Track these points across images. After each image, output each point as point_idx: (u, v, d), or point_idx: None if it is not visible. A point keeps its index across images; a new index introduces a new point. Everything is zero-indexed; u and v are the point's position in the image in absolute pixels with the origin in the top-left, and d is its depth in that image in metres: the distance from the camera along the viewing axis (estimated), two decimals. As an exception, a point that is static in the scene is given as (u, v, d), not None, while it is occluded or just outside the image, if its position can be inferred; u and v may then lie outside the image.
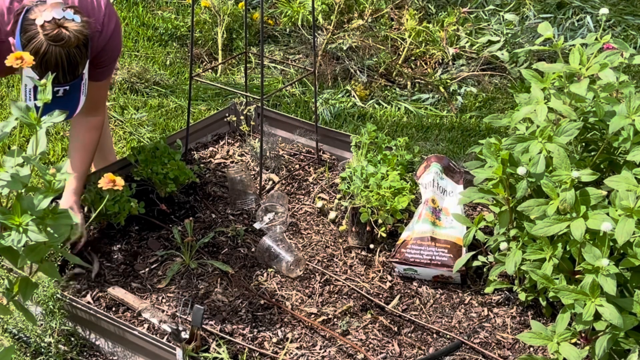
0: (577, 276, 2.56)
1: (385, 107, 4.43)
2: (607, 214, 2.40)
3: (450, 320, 2.83)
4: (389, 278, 3.01)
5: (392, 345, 2.72)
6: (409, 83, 4.60)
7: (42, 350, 2.66)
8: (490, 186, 2.72)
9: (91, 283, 2.91)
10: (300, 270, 2.97)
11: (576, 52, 2.69)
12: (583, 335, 2.45)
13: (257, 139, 3.54)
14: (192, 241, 2.99)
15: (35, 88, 2.63)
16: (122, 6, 5.18)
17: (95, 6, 2.79)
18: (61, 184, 1.84)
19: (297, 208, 3.34)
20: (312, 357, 2.67)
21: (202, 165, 3.58)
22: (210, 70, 4.69)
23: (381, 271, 3.03)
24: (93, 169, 3.57)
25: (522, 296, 2.81)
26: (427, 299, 2.92)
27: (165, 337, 2.68)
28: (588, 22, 5.07)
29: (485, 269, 2.96)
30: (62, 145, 3.93)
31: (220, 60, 4.68)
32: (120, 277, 2.94)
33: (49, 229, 1.82)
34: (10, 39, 2.66)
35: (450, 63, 4.70)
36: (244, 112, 3.76)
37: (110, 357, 2.70)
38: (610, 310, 2.27)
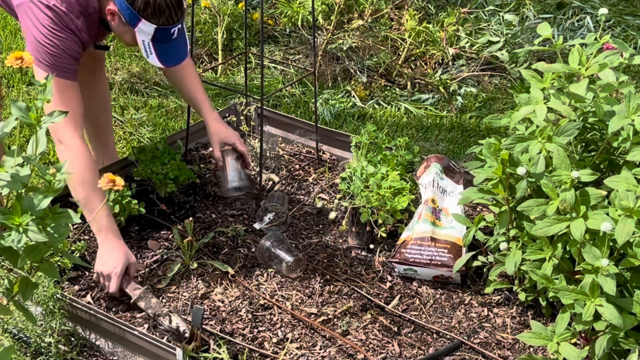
0: (577, 276, 2.56)
1: (385, 108, 4.43)
2: (607, 214, 2.40)
3: (450, 321, 2.84)
4: (389, 278, 3.01)
5: (392, 346, 2.72)
6: (409, 83, 4.60)
7: (42, 350, 2.67)
8: (490, 186, 2.72)
9: (91, 283, 2.91)
10: (300, 271, 2.97)
11: (575, 53, 2.69)
12: (583, 335, 2.45)
13: (257, 139, 3.54)
14: (192, 241, 2.99)
15: (153, 40, 2.72)
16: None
17: None
18: (61, 184, 1.84)
19: (297, 208, 3.34)
20: (312, 357, 2.67)
21: (202, 165, 3.58)
22: (210, 71, 4.69)
23: (381, 271, 3.03)
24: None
25: (522, 296, 2.81)
26: (427, 299, 2.92)
27: (165, 337, 2.68)
28: (588, 23, 5.07)
29: (485, 269, 2.96)
30: (62, 146, 3.93)
31: (220, 61, 4.69)
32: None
33: (49, 229, 1.82)
34: (110, 6, 2.74)
35: (450, 63, 4.70)
36: (244, 113, 3.76)
37: (110, 357, 2.70)
38: (610, 310, 2.27)
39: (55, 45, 2.72)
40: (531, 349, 2.72)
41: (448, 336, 2.77)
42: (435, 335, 2.78)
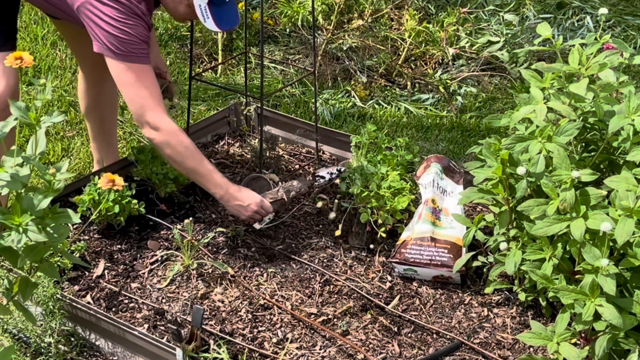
0: (577, 276, 2.56)
1: (385, 107, 4.43)
2: (607, 214, 2.40)
3: (450, 321, 2.84)
4: (389, 278, 3.01)
5: (392, 346, 2.72)
6: (409, 83, 4.60)
7: (42, 350, 2.67)
8: (490, 186, 2.72)
9: (91, 283, 2.92)
10: (281, 194, 3.08)
11: (575, 52, 2.69)
12: (583, 335, 2.45)
13: (257, 139, 3.54)
14: (192, 241, 2.99)
15: (209, 4, 2.83)
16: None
17: None
18: (61, 184, 1.84)
19: (297, 208, 3.34)
20: (312, 357, 2.67)
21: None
22: (210, 71, 4.69)
23: (381, 271, 3.03)
24: (96, 167, 3.58)
25: (522, 296, 2.81)
26: (427, 299, 2.92)
27: (165, 337, 2.68)
28: (588, 23, 5.07)
29: (485, 269, 2.96)
30: (62, 145, 3.93)
31: (220, 61, 4.69)
32: (120, 277, 2.95)
33: (48, 229, 1.82)
34: None
35: (450, 63, 4.70)
36: (244, 113, 3.76)
37: (110, 357, 2.70)
38: (610, 310, 2.27)
39: (127, 33, 2.78)
40: (531, 349, 2.72)
41: (448, 336, 2.77)
42: (435, 336, 2.78)
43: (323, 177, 3.25)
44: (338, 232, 3.13)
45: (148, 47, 2.88)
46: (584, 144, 2.89)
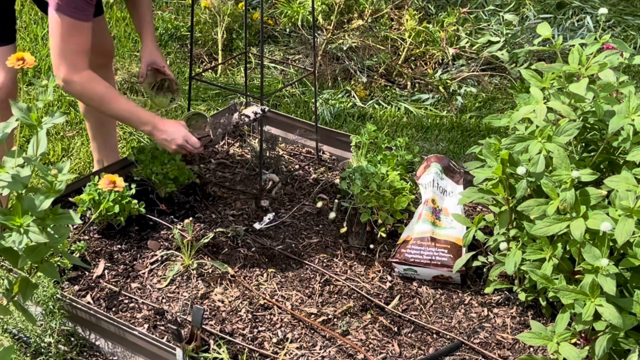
0: (577, 276, 2.56)
1: (385, 107, 4.43)
2: (607, 214, 2.40)
3: (450, 321, 2.84)
4: (389, 278, 3.01)
5: (392, 346, 2.73)
6: (409, 83, 4.60)
7: (42, 350, 2.67)
8: (490, 186, 2.73)
9: (91, 283, 2.92)
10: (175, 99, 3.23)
11: (575, 52, 2.69)
12: (583, 335, 2.45)
13: (257, 139, 3.54)
14: (192, 241, 2.99)
15: None
16: (122, 6, 5.18)
17: None
18: (62, 185, 1.84)
19: (297, 208, 3.34)
20: (312, 357, 2.67)
21: (202, 165, 3.58)
22: (210, 71, 4.69)
23: (381, 271, 3.03)
24: (96, 167, 3.58)
25: (522, 296, 2.81)
26: (427, 299, 2.92)
27: (165, 337, 2.68)
28: (588, 23, 5.08)
29: (485, 269, 2.96)
30: (62, 146, 3.93)
31: (220, 61, 4.69)
32: (120, 277, 2.95)
33: (49, 229, 1.82)
34: None
35: (450, 63, 4.70)
36: (244, 112, 3.76)
37: (110, 357, 2.70)
38: (610, 310, 2.27)
39: None
40: (531, 349, 2.72)
41: (448, 336, 2.77)
42: (435, 335, 2.78)
43: (248, 117, 3.25)
44: (343, 230, 3.13)
45: (92, 8, 2.92)
46: (584, 144, 2.89)
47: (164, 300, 2.85)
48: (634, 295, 2.37)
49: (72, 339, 2.73)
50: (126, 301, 2.85)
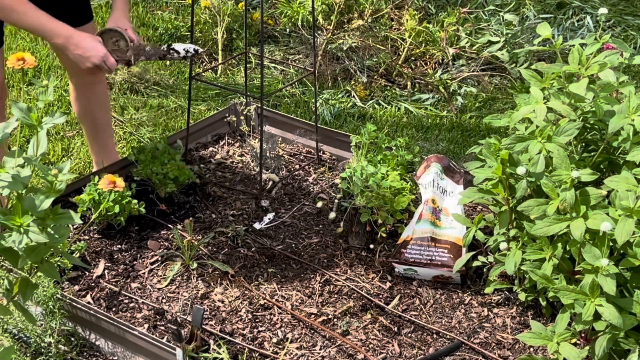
0: (577, 276, 2.56)
1: (385, 107, 4.43)
2: (607, 214, 2.40)
3: (450, 321, 2.84)
4: (389, 278, 3.01)
5: (392, 346, 2.73)
6: (409, 83, 4.60)
7: (42, 350, 2.67)
8: (490, 186, 2.73)
9: (91, 283, 2.92)
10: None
11: (575, 52, 2.69)
12: (583, 335, 2.45)
13: (257, 139, 3.54)
14: (192, 241, 2.99)
15: None
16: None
17: None
18: (62, 185, 1.84)
19: (297, 208, 3.34)
20: (312, 357, 2.67)
21: (202, 165, 3.59)
22: (210, 71, 4.69)
23: (381, 271, 3.03)
24: (96, 168, 3.58)
25: (522, 296, 2.81)
26: (427, 299, 2.92)
27: (165, 337, 2.68)
28: (588, 22, 5.08)
29: (485, 269, 2.96)
30: (62, 146, 3.93)
31: (220, 61, 4.69)
32: (120, 277, 2.95)
33: (49, 229, 1.82)
34: None
35: (450, 63, 4.70)
36: (244, 113, 3.76)
37: (110, 357, 2.70)
38: (610, 310, 2.27)
39: None
40: (531, 349, 2.72)
41: (448, 336, 2.77)
42: (435, 336, 2.78)
43: (178, 52, 3.12)
44: (340, 230, 3.13)
45: None
46: (584, 144, 2.89)
47: (164, 300, 2.85)
48: (634, 295, 2.37)
49: (72, 339, 2.73)
50: (126, 301, 2.85)
